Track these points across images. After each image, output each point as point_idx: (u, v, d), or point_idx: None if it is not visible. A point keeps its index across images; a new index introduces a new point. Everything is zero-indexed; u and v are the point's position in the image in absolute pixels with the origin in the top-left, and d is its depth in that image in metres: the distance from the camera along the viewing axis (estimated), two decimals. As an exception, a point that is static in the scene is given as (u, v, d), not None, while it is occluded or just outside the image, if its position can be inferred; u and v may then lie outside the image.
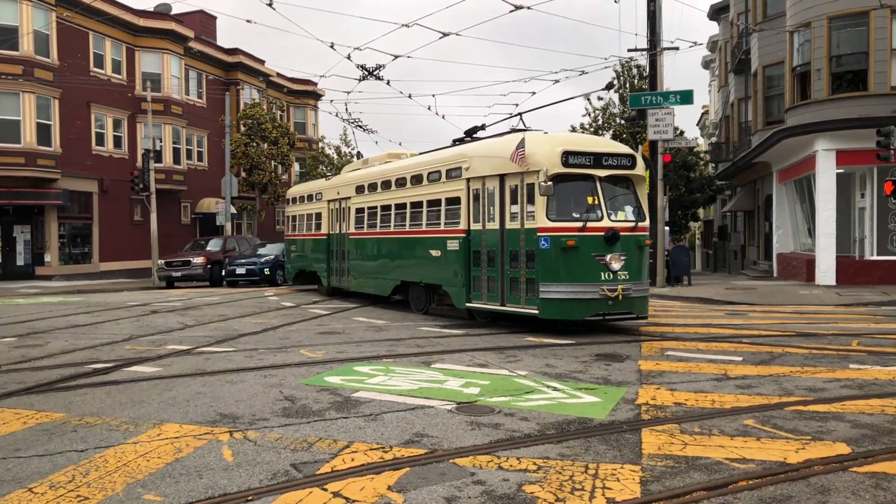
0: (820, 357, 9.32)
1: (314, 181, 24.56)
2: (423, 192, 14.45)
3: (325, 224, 19.98)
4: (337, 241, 19.28)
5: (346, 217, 18.49)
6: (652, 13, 23.64)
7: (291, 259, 23.14)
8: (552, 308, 11.18)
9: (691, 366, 8.76)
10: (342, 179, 19.55)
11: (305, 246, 21.66)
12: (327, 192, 19.99)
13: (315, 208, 20.89)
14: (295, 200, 22.85)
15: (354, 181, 18.09)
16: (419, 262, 14.54)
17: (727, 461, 5.02)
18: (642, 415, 6.35)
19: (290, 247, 23.10)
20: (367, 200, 17.24)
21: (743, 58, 30.25)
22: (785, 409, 6.49)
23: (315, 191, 21.30)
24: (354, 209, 17.87)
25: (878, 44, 20.09)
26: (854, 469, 4.84)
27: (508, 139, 12.49)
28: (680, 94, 23.37)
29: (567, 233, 11.09)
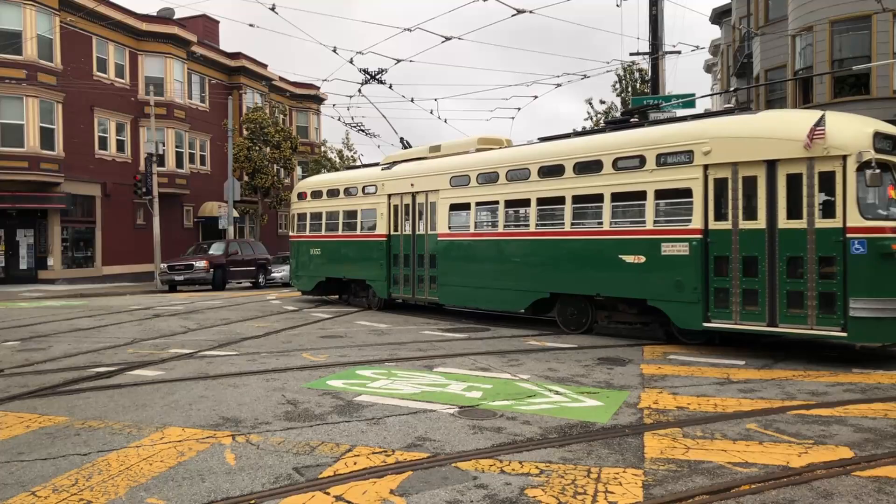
0: (821, 360, 9.31)
1: (346, 171, 19.93)
2: (602, 182, 11.54)
3: (382, 223, 16.40)
4: (405, 245, 15.86)
5: (430, 214, 15.14)
6: (654, 17, 23.66)
7: (309, 265, 19.03)
8: (867, 329, 8.80)
9: (693, 370, 8.75)
10: (416, 169, 15.92)
11: (339, 250, 17.86)
12: (387, 184, 16.39)
13: (357, 204, 17.31)
14: (313, 195, 18.93)
15: (448, 170, 14.81)
16: (597, 270, 11.61)
17: (730, 465, 5.02)
18: (645, 419, 6.35)
19: (309, 250, 18.98)
20: (477, 195, 13.97)
21: (745, 61, 30.23)
22: (787, 413, 6.49)
23: (355, 183, 17.56)
24: (449, 205, 14.63)
25: (880, 47, 20.07)
26: (857, 473, 4.84)
27: (775, 116, 10.46)
28: (682, 98, 23.39)
29: (891, 234, 8.91)
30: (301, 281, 19.42)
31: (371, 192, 16.97)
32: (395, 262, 16.17)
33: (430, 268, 15.16)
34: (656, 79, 24.22)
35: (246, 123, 38.74)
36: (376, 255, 16.58)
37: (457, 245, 14.52)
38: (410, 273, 15.72)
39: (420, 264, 15.47)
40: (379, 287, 16.61)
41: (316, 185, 19.26)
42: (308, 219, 19.07)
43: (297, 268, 19.55)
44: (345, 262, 17.79)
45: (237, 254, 29.57)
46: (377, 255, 16.56)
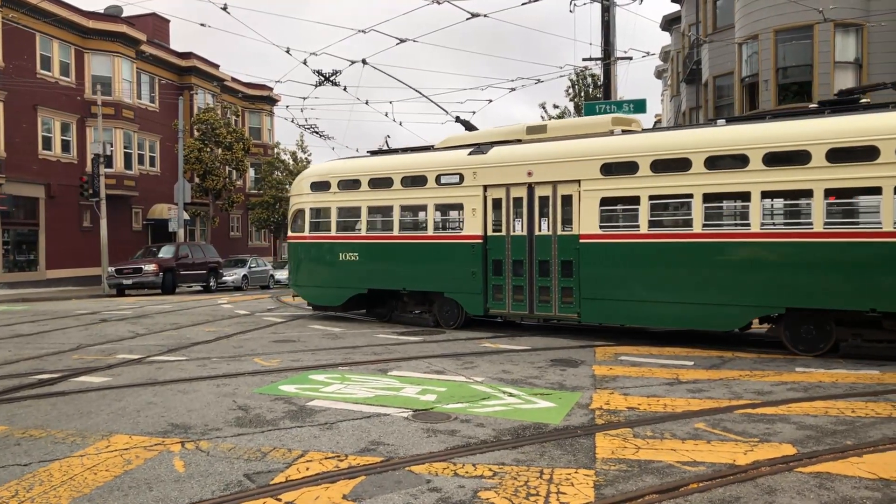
0: (768, 361, 9.56)
1: (391, 157, 15.14)
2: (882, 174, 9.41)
3: (474, 221, 13.01)
4: (514, 248, 12.62)
5: (559, 211, 12.14)
6: (606, 23, 24.02)
7: (334, 274, 14.91)
8: None
9: (644, 370, 8.90)
10: (534, 153, 12.61)
11: (393, 255, 14.15)
12: (483, 172, 12.97)
13: (426, 198, 13.68)
14: (343, 186, 14.88)
15: (598, 155, 11.78)
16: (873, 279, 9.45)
17: (679, 464, 5.11)
18: (596, 419, 6.43)
19: (337, 255, 14.85)
20: (653, 186, 11.15)
21: (694, 68, 30.93)
22: (734, 413, 6.64)
23: (421, 170, 13.83)
24: (601, 199, 11.69)
25: (821, 56, 20.76)
26: (799, 469, 4.98)
27: None
28: (633, 103, 23.78)
29: None
30: (316, 293, 15.51)
31: (452, 181, 13.34)
32: (495, 270, 12.86)
33: (563, 277, 12.09)
34: (608, 84, 24.59)
35: (197, 124, 38.09)
36: (464, 262, 13.13)
37: (617, 249, 11.50)
38: (525, 283, 12.46)
39: (544, 273, 12.31)
40: (468, 301, 13.18)
41: (349, 172, 14.95)
42: (333, 215, 14.92)
43: (308, 277, 15.53)
44: (404, 269, 13.97)
45: (188, 257, 29.03)
46: (465, 261, 13.12)
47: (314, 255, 15.37)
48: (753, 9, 22.08)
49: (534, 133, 13.26)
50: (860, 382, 8.06)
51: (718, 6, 26.54)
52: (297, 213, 15.78)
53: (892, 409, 6.73)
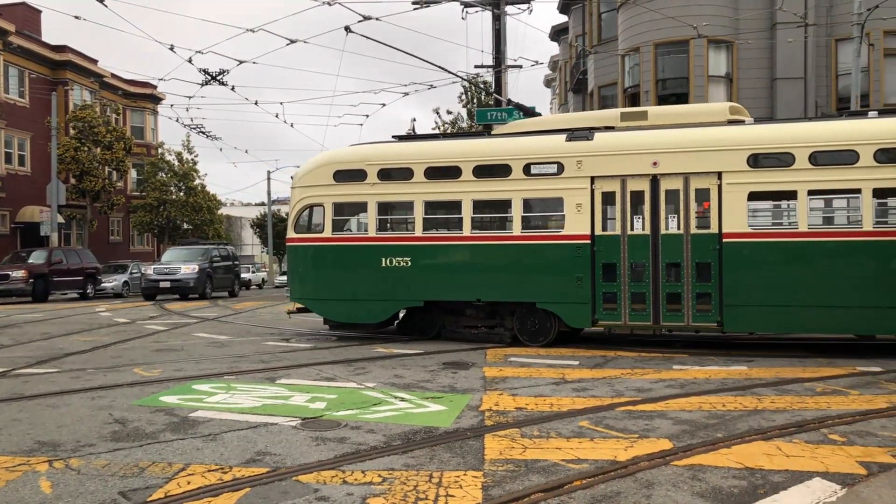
0: (648, 360, 10.02)
1: (446, 142, 12.90)
2: None
3: (579, 219, 11.16)
4: (633, 250, 10.96)
5: (690, 206, 10.72)
6: (497, 32, 24.53)
7: (369, 284, 12.19)
8: None
9: (532, 371, 9.12)
10: (658, 140, 11.04)
11: (463, 259, 11.85)
12: (590, 161, 11.17)
13: (509, 190, 11.52)
14: (383, 176, 12.20)
15: (744, 144, 10.60)
16: None
17: (563, 462, 5.25)
18: (486, 421, 6.52)
19: (379, 261, 12.11)
20: (814, 180, 10.22)
21: (581, 78, 32.08)
22: (616, 410, 6.90)
23: (502, 158, 11.72)
24: (749, 193, 10.54)
25: (696, 70, 22.03)
26: (675, 463, 5.22)
27: None
28: (523, 111, 24.43)
29: None
30: (343, 308, 12.47)
31: (547, 172, 11.39)
32: (606, 276, 11.13)
33: (698, 282, 10.70)
34: (500, 91, 25.10)
35: (73, 122, 35.98)
36: (565, 266, 11.27)
37: (773, 249, 10.47)
38: (648, 290, 10.89)
39: (673, 277, 10.87)
40: (570, 312, 11.27)
41: (395, 159, 12.25)
42: (372, 211, 12.17)
43: (329, 288, 12.45)
44: (479, 276, 11.70)
45: (62, 262, 27.32)
46: (567, 265, 11.24)
47: (341, 261, 12.36)
48: (635, 23, 23.15)
49: (630, 119, 11.81)
50: (731, 378, 8.57)
51: (603, 19, 27.65)
52: (309, 209, 12.62)
53: (758, 402, 7.20)
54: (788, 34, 21.49)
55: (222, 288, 29.97)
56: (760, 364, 9.54)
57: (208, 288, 27.75)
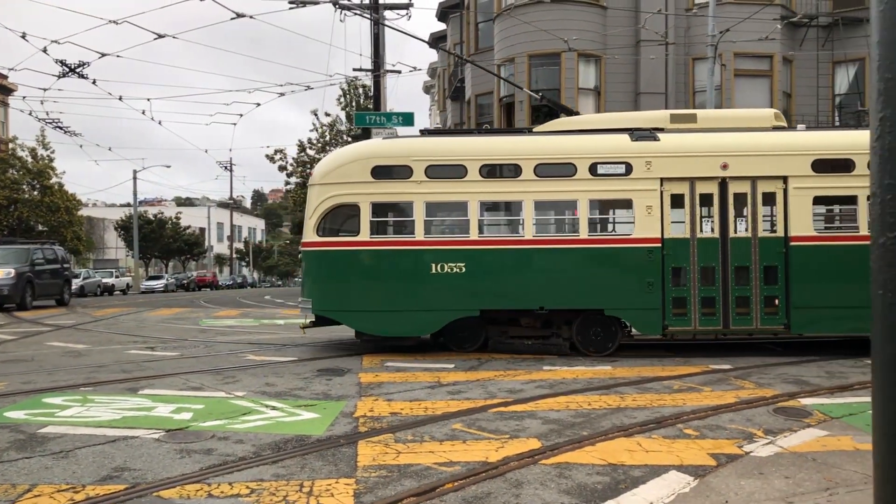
0: (520, 361, 10.28)
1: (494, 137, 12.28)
2: None
3: (649, 221, 10.70)
4: (703, 253, 10.75)
5: (757, 209, 10.76)
6: (376, 36, 24.51)
7: (415, 293, 10.91)
8: None
9: (408, 375, 9.13)
10: (729, 144, 10.93)
11: (522, 264, 10.86)
12: (660, 162, 10.82)
13: (575, 191, 10.81)
14: (431, 173, 10.98)
15: (808, 150, 10.83)
16: None
17: (436, 466, 5.28)
18: (360, 427, 6.46)
19: (428, 267, 10.86)
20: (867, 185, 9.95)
21: (458, 85, 32.60)
22: (489, 412, 7.03)
23: (566, 156, 10.94)
24: (814, 198, 10.79)
25: (567, 82, 22.93)
26: (543, 462, 5.38)
27: None
28: (402, 116, 24.49)
29: None
30: (382, 320, 11.04)
31: (615, 172, 10.87)
32: (675, 280, 10.82)
33: (766, 285, 10.68)
34: (378, 95, 25.09)
35: None
36: (635, 270, 10.77)
37: (837, 252, 10.60)
38: (718, 294, 10.72)
39: (742, 281, 10.78)
40: (640, 318, 10.86)
41: (446, 155, 11.14)
42: (419, 212, 10.91)
43: (365, 298, 11.00)
44: (542, 283, 10.83)
45: None
46: (638, 269, 10.77)
47: (381, 267, 11.07)
48: (510, 34, 23.80)
49: (680, 122, 11.63)
50: (596, 378, 8.95)
51: (480, 28, 28.25)
52: (339, 208, 11.18)
53: (620, 400, 7.56)
54: (651, 51, 22.81)
55: (47, 295, 25.84)
56: (623, 364, 10.03)
57: (28, 296, 23.76)
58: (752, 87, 23.04)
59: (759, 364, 9.79)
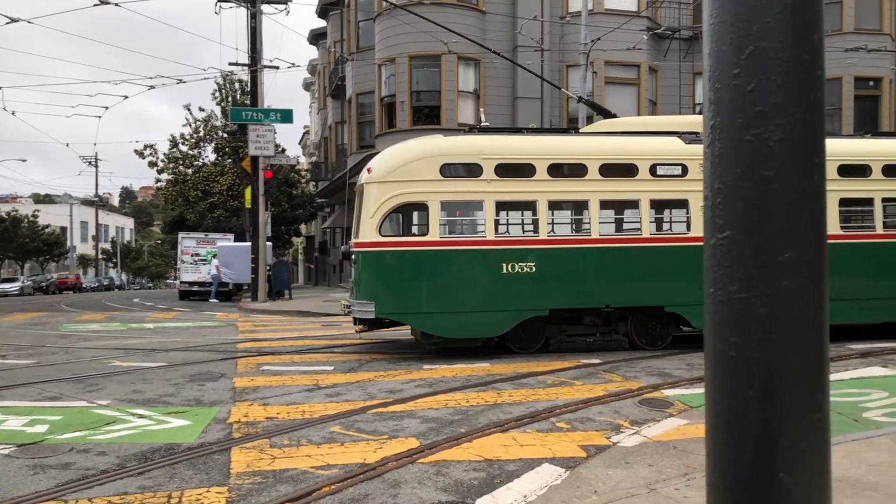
0: (400, 360, 10.30)
1: (598, 136, 11.92)
2: None
3: (702, 221, 7.56)
4: None
5: None
6: (253, 30, 23.85)
7: (486, 294, 10.53)
8: None
9: (285, 379, 8.93)
10: None
11: (593, 263, 10.86)
12: None
13: (644, 191, 10.90)
14: (505, 171, 10.67)
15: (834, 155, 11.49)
16: None
17: (313, 469, 5.19)
18: (233, 433, 6.25)
19: (502, 267, 10.53)
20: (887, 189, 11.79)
21: (339, 84, 32.26)
22: (368, 413, 6.99)
23: (639, 156, 10.99)
24: (839, 199, 11.63)
25: (447, 84, 23.20)
26: (421, 460, 5.41)
27: None
28: (281, 113, 24.00)
29: None
30: (456, 322, 10.53)
31: (672, 173, 11.09)
32: None
33: None
34: (255, 91, 24.42)
35: None
36: (693, 268, 10.03)
37: (855, 249, 11.61)
38: None
39: None
40: (696, 313, 10.95)
41: (513, 153, 10.87)
42: (489, 211, 10.54)
43: (437, 300, 10.53)
44: (607, 282, 10.87)
45: None
46: (695, 267, 8.10)
47: (451, 268, 10.61)
48: (391, 34, 23.80)
49: None
50: (475, 375, 9.10)
51: (361, 27, 28.08)
52: (404, 207, 10.92)
53: (497, 396, 7.73)
54: (527, 57, 23.48)
55: None
56: (501, 361, 10.25)
57: None
58: (621, 95, 24.20)
59: (626, 358, 10.28)
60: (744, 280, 1.21)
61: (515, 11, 23.62)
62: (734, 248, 1.23)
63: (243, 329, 15.14)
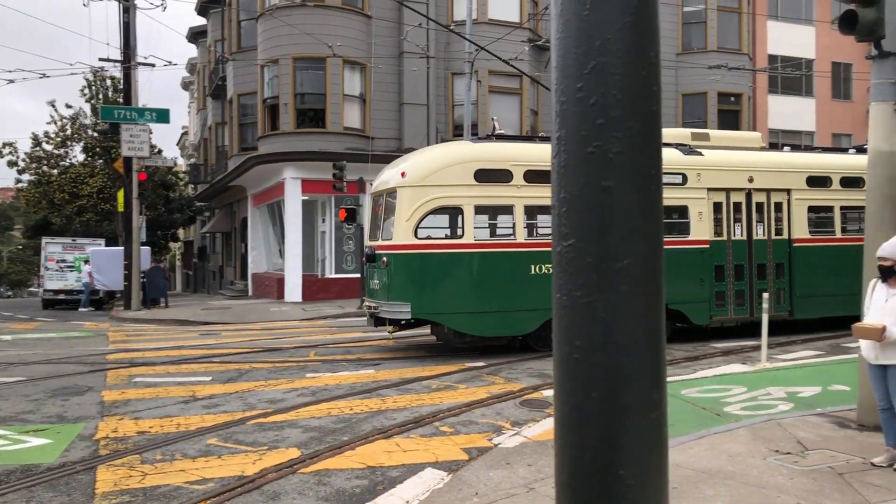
0: (282, 370, 10.06)
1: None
2: None
3: (699, 226, 12.44)
4: (735, 253, 12.73)
5: (775, 217, 13.01)
6: (126, 25, 22.68)
7: (516, 294, 11.10)
8: None
9: (160, 391, 8.53)
10: (753, 160, 13.05)
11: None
12: (703, 174, 12.43)
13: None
14: (526, 177, 11.23)
15: (805, 167, 13.29)
16: None
17: (187, 485, 4.98)
18: (100, 450, 5.90)
19: (531, 268, 11.14)
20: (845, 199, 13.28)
21: (220, 83, 31.20)
22: (247, 424, 6.78)
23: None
24: (807, 207, 13.21)
25: (333, 88, 22.93)
26: (302, 471, 5.31)
27: None
28: (157, 112, 22.93)
29: None
30: (487, 322, 10.93)
31: (674, 181, 12.18)
32: (717, 276, 12.68)
33: (777, 279, 13.01)
34: (129, 89, 23.23)
35: None
36: (692, 269, 12.27)
37: (822, 251, 13.22)
38: (746, 287, 12.81)
39: (760, 276, 12.89)
40: (695, 310, 12.25)
41: (540, 161, 11.20)
42: (519, 215, 11.07)
43: (470, 300, 10.82)
44: None
45: None
46: (694, 267, 12.30)
47: (485, 269, 10.93)
48: (274, 35, 23.28)
49: (698, 139, 13.30)
50: (359, 382, 9.02)
51: (243, 26, 27.30)
52: (438, 211, 11.08)
53: (382, 402, 7.70)
54: (413, 63, 23.60)
55: None
56: (386, 367, 10.23)
57: None
58: (504, 104, 24.77)
59: (509, 360, 10.51)
60: (586, 286, 1.28)
61: (401, 18, 23.68)
62: (577, 256, 1.29)
63: (115, 339, 14.33)
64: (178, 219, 38.47)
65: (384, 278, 11.01)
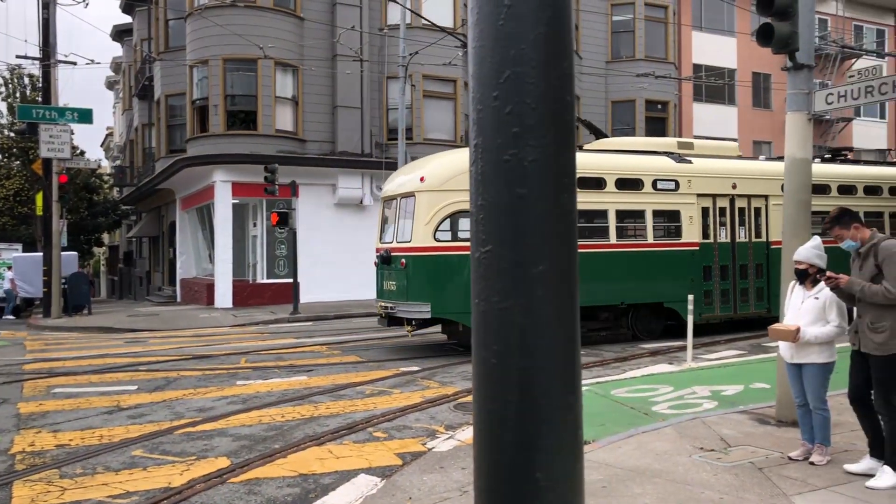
0: (212, 377, 9.83)
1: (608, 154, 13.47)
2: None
3: (690, 229, 13.25)
4: (721, 254, 13.58)
5: (755, 221, 13.94)
6: (45, 21, 21.81)
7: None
8: None
9: (81, 401, 8.21)
10: (735, 168, 13.93)
11: (612, 265, 12.50)
12: (693, 181, 13.24)
13: (648, 203, 12.91)
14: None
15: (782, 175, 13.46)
16: None
17: (109, 499, 4.82)
18: (16, 465, 5.65)
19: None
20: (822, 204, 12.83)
21: (147, 84, 30.30)
22: (175, 433, 6.60)
23: (645, 173, 12.91)
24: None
25: (264, 90, 22.56)
26: (232, 480, 5.19)
27: None
28: (79, 112, 22.13)
29: None
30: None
31: (668, 188, 13.06)
32: (705, 276, 13.44)
33: (757, 278, 13.90)
34: (49, 88, 22.33)
35: None
36: (683, 269, 13.10)
37: None
38: (730, 286, 13.68)
39: (742, 276, 13.82)
40: (685, 308, 11.62)
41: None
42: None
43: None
44: (623, 281, 12.60)
45: None
46: (685, 268, 13.12)
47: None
48: (203, 35, 22.76)
49: (683, 148, 14.11)
50: (291, 388, 8.89)
51: (171, 26, 26.61)
52: (456, 215, 11.39)
53: (314, 409, 7.61)
54: (347, 66, 23.44)
55: None
56: (319, 373, 10.10)
57: None
58: (438, 108, 24.85)
59: (444, 364, 10.54)
60: (503, 291, 1.30)
61: (334, 20, 23.49)
62: (494, 261, 1.31)
63: (32, 348, 13.70)
64: (103, 223, 37.21)
65: (402, 280, 11.46)
